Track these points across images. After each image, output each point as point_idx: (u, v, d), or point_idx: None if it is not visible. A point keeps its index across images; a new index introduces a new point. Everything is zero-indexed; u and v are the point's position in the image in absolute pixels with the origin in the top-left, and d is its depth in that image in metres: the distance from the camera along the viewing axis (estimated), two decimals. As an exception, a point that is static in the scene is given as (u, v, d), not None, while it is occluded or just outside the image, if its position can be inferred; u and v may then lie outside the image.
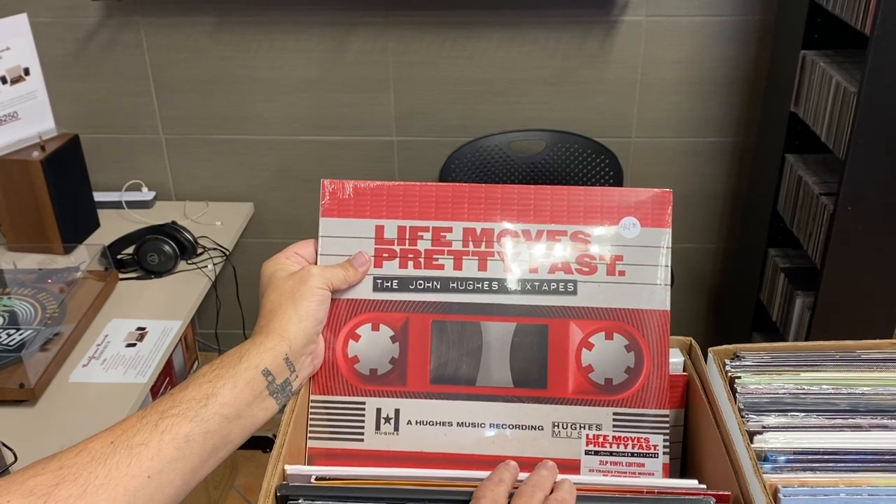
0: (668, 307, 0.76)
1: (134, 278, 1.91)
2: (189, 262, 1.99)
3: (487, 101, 2.21)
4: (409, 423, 0.75)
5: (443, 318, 0.77)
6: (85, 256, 1.89)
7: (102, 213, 2.14)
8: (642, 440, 0.73)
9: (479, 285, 0.77)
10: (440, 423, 0.75)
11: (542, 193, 0.78)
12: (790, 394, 0.73)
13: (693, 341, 0.79)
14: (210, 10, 2.14)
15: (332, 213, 0.79)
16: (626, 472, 0.73)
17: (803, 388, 0.74)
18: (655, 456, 0.73)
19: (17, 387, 1.48)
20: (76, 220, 2.01)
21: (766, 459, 0.68)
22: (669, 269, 0.77)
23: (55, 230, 1.92)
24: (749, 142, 2.23)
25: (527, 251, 0.77)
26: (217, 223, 2.20)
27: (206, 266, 1.98)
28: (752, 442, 0.69)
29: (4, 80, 1.87)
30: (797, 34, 1.88)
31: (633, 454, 0.73)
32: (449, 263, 0.78)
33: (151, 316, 1.77)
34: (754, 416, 0.72)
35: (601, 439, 0.73)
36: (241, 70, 2.21)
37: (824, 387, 0.74)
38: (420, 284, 0.78)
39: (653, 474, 0.72)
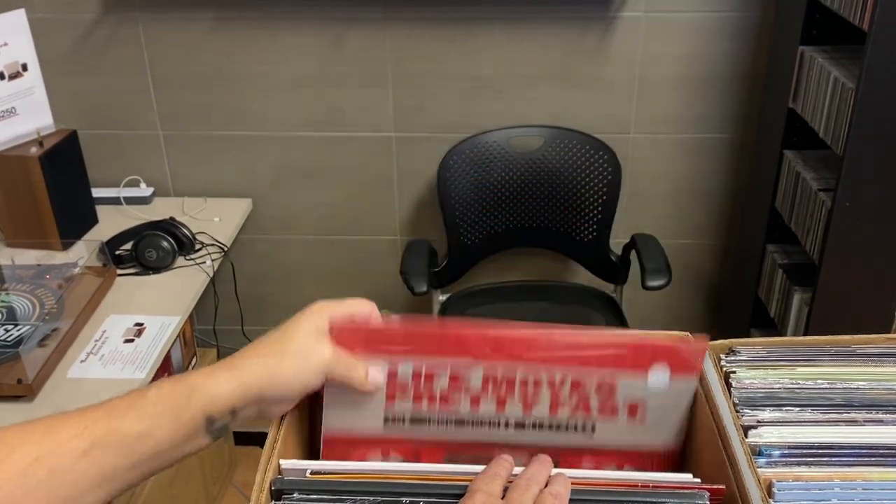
0: (679, 442, 0.75)
1: (132, 274, 1.91)
2: (187, 258, 1.99)
3: (486, 97, 2.21)
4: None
5: (456, 452, 0.75)
6: (83, 252, 1.89)
7: (101, 209, 2.14)
8: None
9: (496, 424, 0.74)
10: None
11: (568, 338, 0.73)
12: (785, 388, 0.73)
13: (689, 336, 0.79)
14: (208, 6, 2.14)
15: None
16: None
17: (798, 383, 0.74)
18: None
19: (15, 382, 1.49)
20: (74, 216, 2.01)
21: (760, 454, 0.68)
22: (690, 408, 0.75)
23: (53, 226, 1.92)
24: (747, 138, 2.23)
25: (547, 394, 0.74)
26: (215, 219, 2.20)
27: (204, 262, 1.98)
28: (746, 436, 0.69)
29: (2, 76, 1.87)
30: (795, 30, 1.88)
31: None
32: (466, 403, 0.74)
33: (149, 312, 1.77)
34: (749, 411, 0.72)
35: None
36: (239, 66, 2.21)
37: (819, 381, 0.74)
38: (434, 422, 0.75)
39: None
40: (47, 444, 0.60)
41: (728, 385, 0.75)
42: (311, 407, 0.76)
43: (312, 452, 0.76)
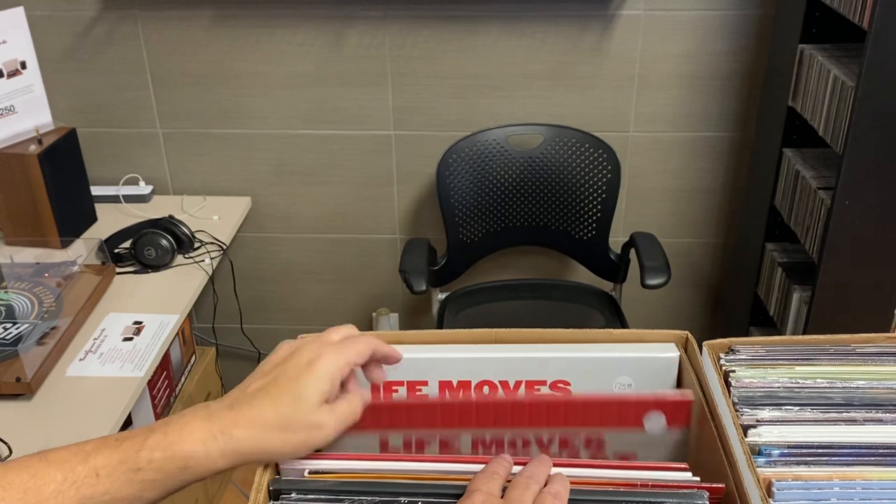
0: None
1: (131, 272, 1.91)
2: (186, 256, 1.99)
3: (485, 96, 2.21)
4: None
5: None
6: (82, 250, 1.89)
7: (100, 207, 2.14)
8: None
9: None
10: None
11: (554, 400, 0.73)
12: (784, 388, 0.73)
13: (689, 335, 0.79)
14: (208, 4, 2.14)
15: None
16: None
17: (798, 382, 0.73)
18: None
19: (14, 380, 1.48)
20: (73, 214, 2.01)
21: (760, 453, 0.68)
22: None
23: (52, 224, 1.92)
24: (747, 136, 2.23)
25: (536, 451, 0.74)
26: (214, 217, 2.20)
27: (203, 260, 1.98)
28: (746, 436, 0.69)
29: (1, 74, 1.87)
30: (795, 28, 1.88)
31: None
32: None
33: (148, 310, 1.77)
34: (748, 410, 0.72)
35: None
36: (238, 64, 2.21)
37: (819, 381, 0.73)
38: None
39: None
40: (31, 498, 0.59)
41: (727, 384, 0.74)
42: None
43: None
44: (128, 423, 1.95)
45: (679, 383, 0.77)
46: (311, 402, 0.65)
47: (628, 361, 0.76)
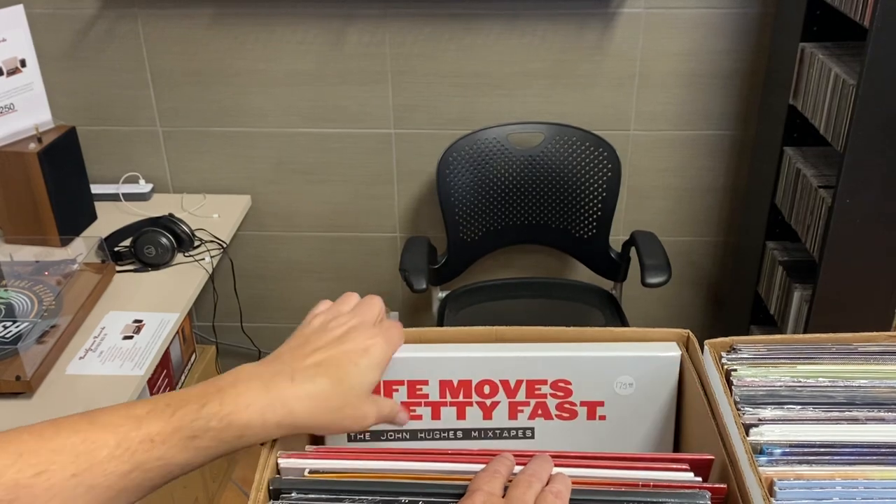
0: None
1: (131, 270, 1.91)
2: (186, 254, 1.98)
3: (486, 94, 2.21)
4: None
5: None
6: (82, 249, 1.88)
7: (99, 206, 2.14)
8: None
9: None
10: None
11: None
12: (786, 386, 0.73)
13: (691, 334, 0.78)
14: (208, 2, 2.14)
15: None
16: None
17: (800, 381, 0.73)
18: None
19: (14, 379, 1.48)
20: (73, 213, 2.01)
21: (761, 452, 0.67)
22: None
23: (52, 222, 1.92)
24: (748, 135, 2.23)
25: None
26: (214, 216, 2.20)
27: (203, 259, 1.97)
28: (747, 435, 0.69)
29: (1, 72, 1.86)
30: (796, 26, 1.87)
31: None
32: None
33: (148, 308, 1.77)
34: (750, 409, 0.71)
35: None
36: (238, 62, 2.20)
37: (821, 379, 0.73)
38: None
39: None
40: (83, 462, 0.59)
41: (729, 383, 0.74)
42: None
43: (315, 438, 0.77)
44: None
45: (680, 382, 0.77)
46: (364, 390, 0.69)
47: (630, 361, 0.76)
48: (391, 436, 0.77)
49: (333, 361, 0.68)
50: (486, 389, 0.76)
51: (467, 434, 0.78)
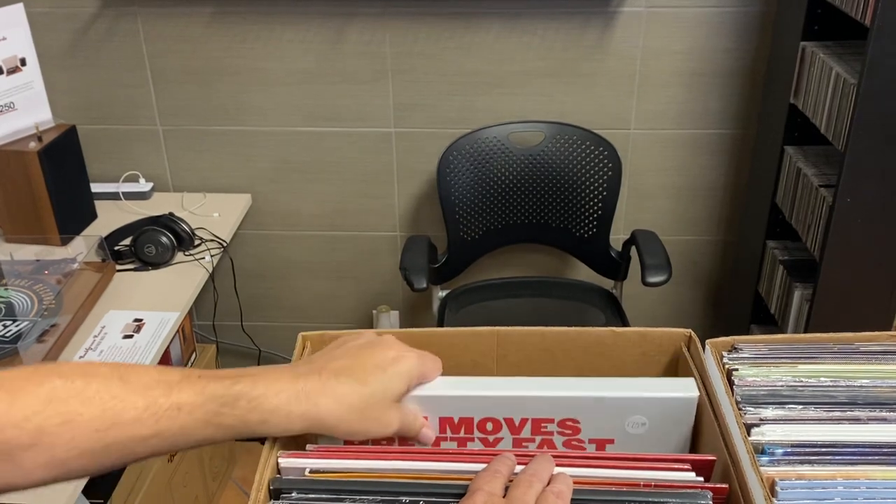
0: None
1: (131, 269, 1.91)
2: (186, 253, 1.98)
3: (486, 93, 2.20)
4: None
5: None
6: (82, 248, 1.88)
7: (100, 205, 2.14)
8: None
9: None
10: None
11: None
12: (788, 386, 0.73)
13: (692, 333, 0.78)
14: (208, 1, 2.13)
15: None
16: None
17: (801, 381, 0.73)
18: None
19: (14, 378, 1.48)
20: (73, 212, 2.01)
21: (763, 452, 0.67)
22: None
23: (52, 221, 1.91)
24: (748, 134, 2.22)
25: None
26: (214, 214, 2.20)
27: (203, 258, 1.97)
28: (749, 434, 0.69)
29: (1, 71, 1.86)
30: (797, 25, 1.87)
31: None
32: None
33: (148, 307, 1.77)
34: (751, 409, 0.71)
35: None
36: (238, 61, 2.20)
37: (822, 379, 0.73)
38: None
39: None
40: (108, 419, 0.60)
41: (730, 383, 0.74)
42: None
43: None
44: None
45: (696, 425, 0.73)
46: (389, 397, 0.69)
47: (643, 401, 0.72)
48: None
49: (362, 368, 0.68)
50: (489, 427, 0.73)
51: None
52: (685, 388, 0.72)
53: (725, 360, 0.76)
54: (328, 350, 0.72)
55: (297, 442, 0.70)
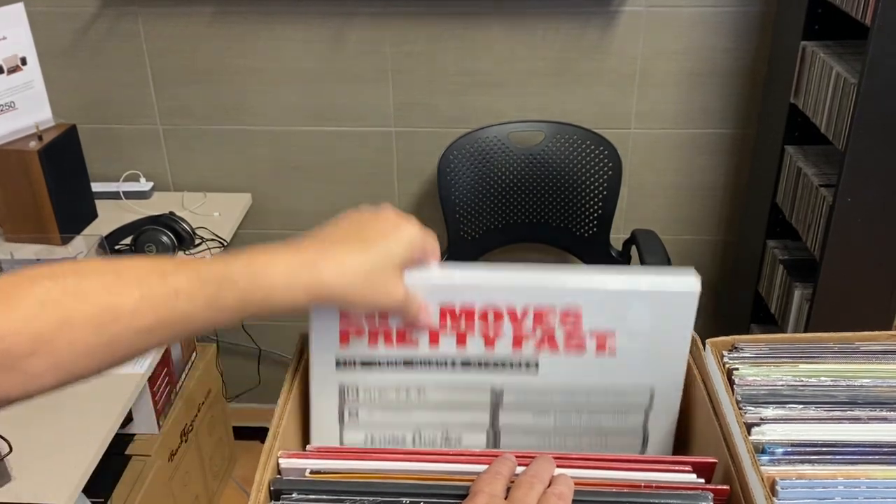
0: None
1: (131, 269, 1.91)
2: (187, 252, 1.98)
3: (486, 93, 2.20)
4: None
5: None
6: (82, 247, 1.88)
7: (100, 204, 2.14)
8: None
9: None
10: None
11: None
12: (788, 386, 0.73)
13: (693, 333, 0.78)
14: (208, 0, 2.13)
15: None
16: None
17: (802, 380, 0.73)
18: None
19: (14, 378, 1.48)
20: (74, 211, 2.01)
21: (763, 452, 0.67)
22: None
23: (53, 221, 1.91)
24: (748, 133, 2.22)
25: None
26: (215, 214, 2.20)
27: (203, 257, 1.97)
28: (749, 434, 0.69)
29: (1, 70, 1.86)
30: (797, 25, 1.87)
31: None
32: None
33: (149, 307, 1.76)
34: (752, 408, 0.71)
35: None
36: (239, 60, 2.20)
37: (823, 379, 0.73)
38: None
39: None
40: (105, 315, 0.57)
41: (731, 382, 0.74)
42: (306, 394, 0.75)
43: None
44: (128, 420, 1.95)
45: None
46: (393, 262, 0.66)
47: (643, 294, 0.73)
48: (383, 361, 0.73)
49: (363, 233, 0.67)
50: (491, 318, 0.72)
51: (466, 364, 0.73)
52: (685, 283, 0.74)
53: (726, 359, 0.76)
54: (326, 225, 0.69)
55: (297, 442, 0.70)
